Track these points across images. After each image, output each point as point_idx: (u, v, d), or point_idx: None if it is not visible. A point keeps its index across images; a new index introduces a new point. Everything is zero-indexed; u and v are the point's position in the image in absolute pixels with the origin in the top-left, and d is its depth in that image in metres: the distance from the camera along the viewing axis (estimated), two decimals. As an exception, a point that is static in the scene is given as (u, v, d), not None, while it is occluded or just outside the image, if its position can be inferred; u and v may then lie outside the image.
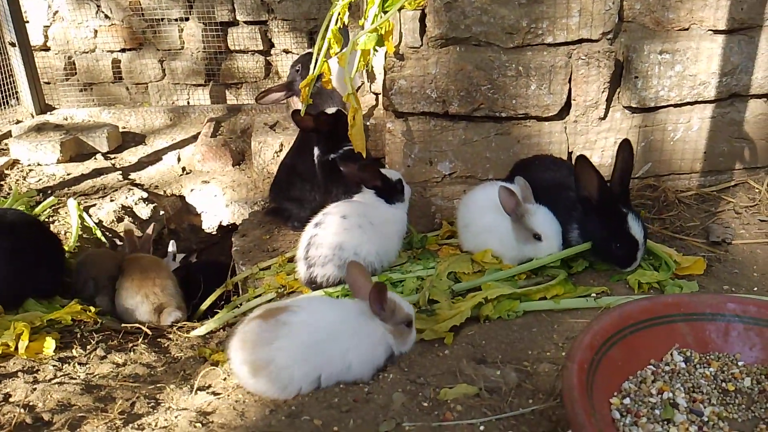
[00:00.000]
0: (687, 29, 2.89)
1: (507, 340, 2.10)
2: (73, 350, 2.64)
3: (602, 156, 3.04)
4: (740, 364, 1.69)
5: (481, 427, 1.66)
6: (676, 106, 2.97)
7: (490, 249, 2.59)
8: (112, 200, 4.13)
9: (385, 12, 2.96)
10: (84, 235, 3.84)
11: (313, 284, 2.61)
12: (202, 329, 2.95)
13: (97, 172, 4.55)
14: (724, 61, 2.87)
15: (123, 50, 6.08)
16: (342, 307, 2.08)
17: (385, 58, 3.03)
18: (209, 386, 2.22)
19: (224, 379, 2.24)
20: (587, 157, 2.43)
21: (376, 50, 3.24)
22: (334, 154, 3.32)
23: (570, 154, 3.03)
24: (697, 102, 2.96)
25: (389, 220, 2.78)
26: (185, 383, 2.32)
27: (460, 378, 1.92)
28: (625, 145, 2.40)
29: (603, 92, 2.91)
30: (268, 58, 5.98)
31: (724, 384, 1.62)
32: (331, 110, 3.39)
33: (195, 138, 5.00)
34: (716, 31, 2.87)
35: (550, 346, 2.02)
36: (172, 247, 4.06)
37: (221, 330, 2.96)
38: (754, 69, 2.92)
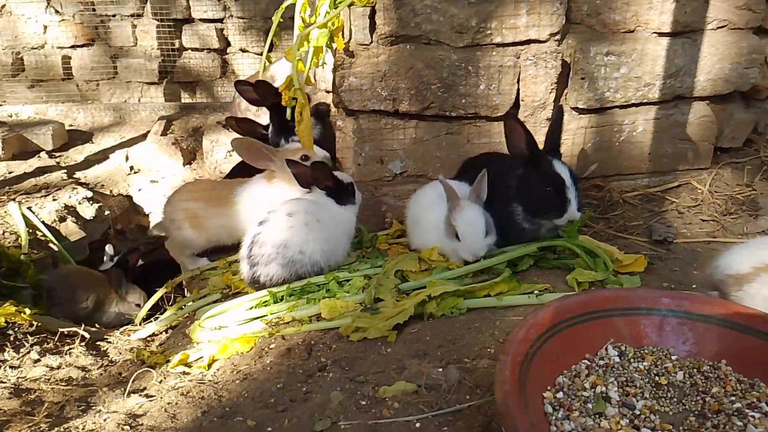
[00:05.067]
0: (632, 31, 2.94)
1: (449, 337, 2.07)
2: (5, 353, 2.52)
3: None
4: (673, 358, 1.69)
5: (417, 424, 1.63)
6: (621, 107, 3.01)
7: (437, 247, 2.57)
8: (54, 199, 3.97)
9: (336, 7, 2.93)
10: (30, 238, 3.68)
11: (256, 284, 2.55)
12: (143, 332, 2.86)
13: (41, 171, 4.38)
14: (668, 63, 2.92)
15: (74, 47, 5.90)
16: None
17: (334, 55, 3.00)
18: (144, 389, 2.14)
19: (159, 382, 2.17)
20: (516, 117, 2.47)
21: (330, 47, 3.20)
22: (285, 137, 3.25)
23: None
24: (642, 103, 3.00)
25: (338, 220, 2.73)
26: (120, 386, 2.23)
27: (401, 376, 1.88)
28: (558, 110, 2.74)
29: (551, 93, 2.93)
30: (224, 56, 5.88)
31: (657, 378, 1.62)
32: (277, 83, 3.32)
33: (145, 137, 4.87)
34: (661, 34, 2.92)
35: (492, 342, 2.01)
36: (109, 249, 3.94)
37: (163, 332, 2.87)
38: (697, 71, 2.98)
